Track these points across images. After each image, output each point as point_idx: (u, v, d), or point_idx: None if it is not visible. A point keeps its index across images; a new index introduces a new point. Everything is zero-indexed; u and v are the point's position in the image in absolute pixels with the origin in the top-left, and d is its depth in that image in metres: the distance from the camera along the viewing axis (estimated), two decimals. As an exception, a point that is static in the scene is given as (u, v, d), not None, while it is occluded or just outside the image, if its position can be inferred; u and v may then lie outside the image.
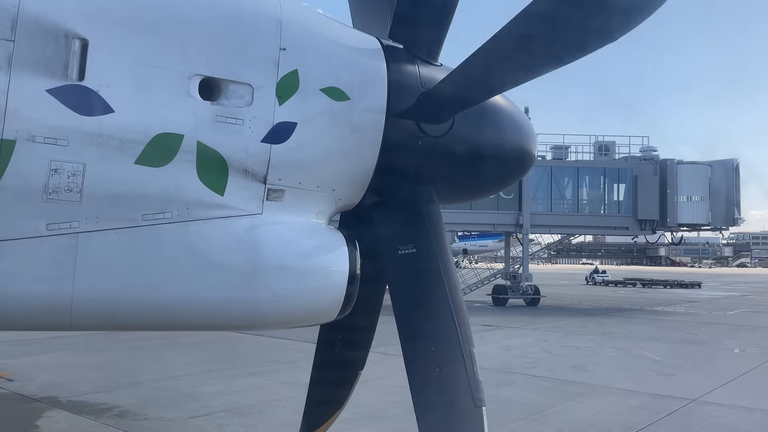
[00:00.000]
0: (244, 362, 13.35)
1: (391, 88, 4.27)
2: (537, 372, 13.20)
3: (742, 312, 30.77)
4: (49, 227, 3.37)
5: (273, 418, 9.11)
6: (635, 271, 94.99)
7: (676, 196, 32.20)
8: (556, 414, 9.78)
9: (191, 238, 3.66)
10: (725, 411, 10.21)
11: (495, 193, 4.29)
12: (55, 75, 3.33)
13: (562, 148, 34.96)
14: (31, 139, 3.27)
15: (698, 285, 55.56)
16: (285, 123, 3.89)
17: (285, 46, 3.91)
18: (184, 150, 3.62)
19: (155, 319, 3.81)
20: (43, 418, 8.87)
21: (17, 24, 3.25)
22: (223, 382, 11.26)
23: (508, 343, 17.97)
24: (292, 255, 3.98)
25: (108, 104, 3.43)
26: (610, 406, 10.33)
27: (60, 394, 10.10)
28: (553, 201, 33.47)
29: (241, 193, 3.81)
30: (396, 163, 4.36)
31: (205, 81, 3.71)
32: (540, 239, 39.79)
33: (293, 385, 11.16)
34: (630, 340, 17.76)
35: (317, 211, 4.18)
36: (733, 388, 11.98)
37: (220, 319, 3.97)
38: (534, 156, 5.16)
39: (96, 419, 8.75)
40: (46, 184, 3.32)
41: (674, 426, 9.25)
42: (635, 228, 32.99)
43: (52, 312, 3.50)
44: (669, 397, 11.01)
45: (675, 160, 33.14)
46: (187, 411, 9.26)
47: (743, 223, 34.74)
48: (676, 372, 13.73)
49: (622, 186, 33.50)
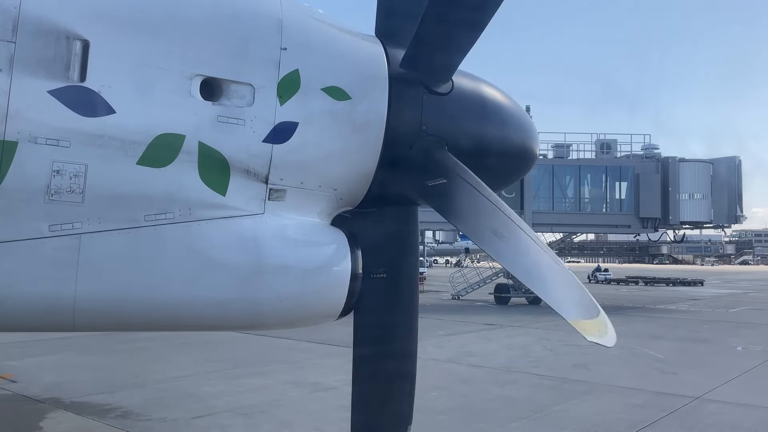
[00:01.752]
0: (247, 362, 13.35)
1: (393, 87, 4.27)
2: (540, 371, 13.19)
3: (744, 309, 30.71)
4: (51, 228, 3.38)
5: (276, 418, 9.12)
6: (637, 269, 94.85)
7: (678, 194, 32.15)
8: (559, 412, 9.77)
9: (193, 238, 3.67)
10: (728, 409, 10.19)
11: (497, 192, 4.29)
12: (57, 76, 3.34)
13: (564, 146, 34.91)
14: (33, 140, 3.27)
15: (701, 283, 55.46)
16: (286, 123, 3.89)
17: (286, 45, 3.91)
18: (186, 150, 3.62)
19: (158, 320, 3.82)
20: (47, 419, 8.88)
21: (18, 25, 3.25)
22: (226, 383, 11.26)
23: (511, 341, 17.96)
24: (294, 255, 3.99)
25: (109, 105, 3.44)
26: (613, 405, 10.32)
27: (63, 395, 10.11)
28: (555, 199, 33.43)
29: (242, 193, 3.81)
30: (398, 162, 4.36)
31: (207, 81, 3.71)
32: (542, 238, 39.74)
33: (297, 385, 11.17)
34: (633, 338, 17.73)
35: (319, 211, 4.19)
36: (737, 386, 11.96)
37: (223, 318, 3.97)
38: (536, 154, 5.16)
39: (99, 420, 8.76)
40: (48, 186, 3.33)
41: (677, 424, 9.23)
42: (637, 226, 32.93)
43: (55, 313, 3.51)
44: (672, 395, 10.99)
45: (677, 157, 33.10)
46: (190, 411, 9.26)
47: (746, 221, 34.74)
48: (679, 370, 13.71)
49: (624, 184, 33.44)
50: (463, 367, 13.68)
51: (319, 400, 10.12)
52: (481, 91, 4.75)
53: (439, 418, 8.98)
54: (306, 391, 10.79)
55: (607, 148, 34.58)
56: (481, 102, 4.71)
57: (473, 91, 4.69)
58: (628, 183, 33.13)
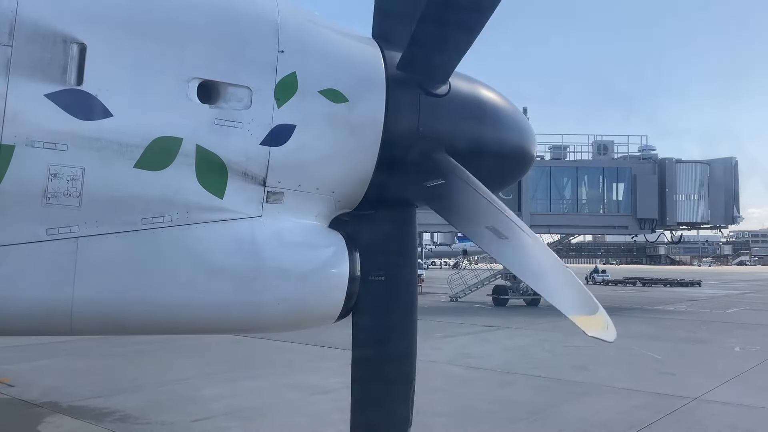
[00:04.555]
0: (246, 365, 13.33)
1: (390, 89, 4.27)
2: (538, 372, 13.19)
3: (742, 310, 30.77)
4: (48, 232, 3.37)
5: (275, 421, 9.10)
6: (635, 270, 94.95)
7: (675, 195, 32.19)
8: (557, 414, 9.76)
9: (191, 241, 3.66)
10: (727, 409, 10.20)
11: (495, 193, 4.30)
12: (54, 79, 3.33)
13: (561, 147, 34.95)
14: (30, 144, 3.27)
15: (698, 283, 55.56)
16: (284, 125, 3.89)
17: (283, 48, 3.91)
18: (183, 153, 3.62)
19: (156, 323, 3.81)
20: (45, 423, 8.86)
21: (15, 29, 3.25)
22: (225, 386, 11.24)
23: (509, 343, 17.95)
24: (292, 257, 3.99)
25: (107, 108, 3.44)
26: (612, 406, 10.32)
27: (61, 399, 10.08)
28: (553, 201, 33.44)
29: (240, 195, 3.81)
30: (395, 164, 4.36)
31: (204, 84, 3.71)
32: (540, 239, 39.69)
33: (295, 388, 11.16)
34: (631, 339, 17.73)
35: (317, 213, 4.18)
36: (735, 387, 11.96)
37: (221, 321, 3.97)
38: (533, 156, 5.17)
39: (97, 424, 8.73)
40: (45, 189, 3.32)
41: (676, 425, 9.23)
42: (635, 227, 32.96)
43: (53, 317, 3.50)
44: (670, 395, 11.00)
45: (674, 158, 33.16)
46: (189, 415, 9.24)
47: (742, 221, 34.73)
48: (677, 371, 13.72)
49: (621, 185, 33.48)
50: (462, 368, 13.67)
51: (317, 403, 10.10)
52: (478, 93, 4.76)
53: (439, 420, 8.97)
54: (304, 394, 10.77)
55: (604, 150, 34.62)
56: (478, 104, 4.72)
57: (470, 93, 4.70)
58: (626, 184, 33.17)
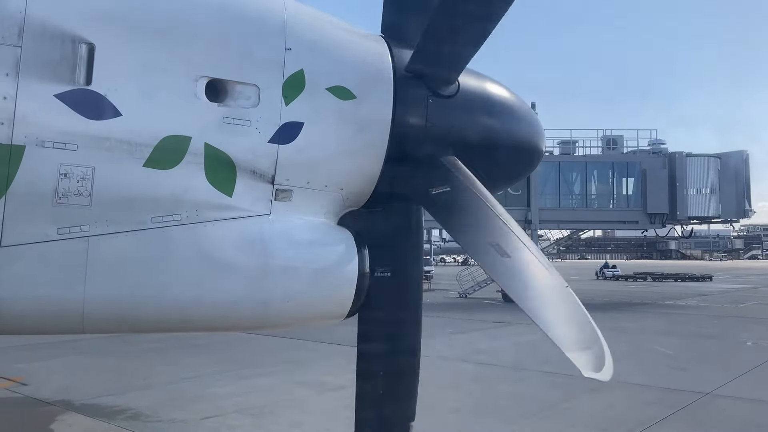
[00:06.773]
0: (256, 363, 13.37)
1: (398, 86, 4.26)
2: (549, 368, 13.13)
3: (754, 304, 30.53)
4: (59, 231, 3.39)
5: (285, 418, 9.13)
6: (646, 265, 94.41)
7: (686, 189, 32.05)
8: (569, 409, 9.75)
9: (201, 239, 3.67)
10: (739, 404, 10.15)
11: (503, 189, 4.30)
12: (63, 80, 3.34)
13: (570, 142, 34.82)
14: (41, 144, 3.28)
15: (709, 278, 55.17)
16: (292, 123, 3.90)
17: (290, 46, 3.91)
18: (192, 152, 3.63)
19: (166, 321, 3.83)
20: (57, 421, 8.93)
21: (24, 29, 3.26)
22: (235, 383, 11.28)
23: (519, 339, 17.91)
24: (301, 255, 3.99)
25: (116, 108, 3.45)
26: (623, 401, 10.27)
27: (73, 398, 10.16)
28: (562, 196, 33.38)
29: (249, 193, 3.82)
30: (404, 161, 4.35)
31: (212, 83, 3.72)
32: (549, 235, 39.65)
33: (305, 385, 11.19)
34: (642, 335, 17.67)
35: (326, 211, 4.19)
36: (747, 381, 11.90)
37: (231, 319, 3.98)
38: (542, 151, 5.15)
39: (109, 422, 8.79)
40: (55, 189, 3.34)
41: (688, 420, 9.19)
42: (645, 222, 32.83)
43: (64, 316, 3.52)
44: (682, 391, 10.95)
45: (684, 152, 32.98)
46: (199, 412, 9.29)
47: (754, 215, 34.54)
48: (689, 366, 13.66)
49: (631, 180, 33.36)
50: (473, 365, 13.67)
51: (327, 400, 10.12)
52: (487, 89, 4.74)
53: (450, 416, 8.96)
54: (314, 391, 10.80)
55: (614, 144, 34.47)
56: (487, 100, 4.70)
57: (478, 89, 4.68)
58: (635, 179, 33.04)
